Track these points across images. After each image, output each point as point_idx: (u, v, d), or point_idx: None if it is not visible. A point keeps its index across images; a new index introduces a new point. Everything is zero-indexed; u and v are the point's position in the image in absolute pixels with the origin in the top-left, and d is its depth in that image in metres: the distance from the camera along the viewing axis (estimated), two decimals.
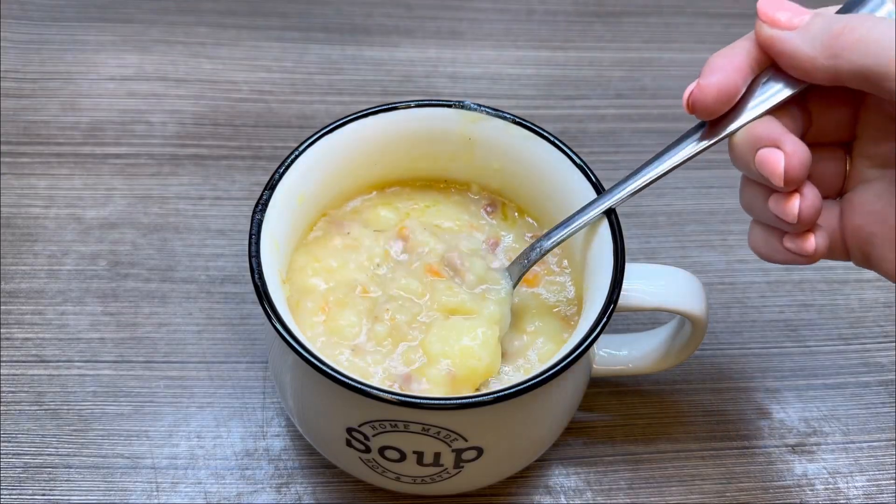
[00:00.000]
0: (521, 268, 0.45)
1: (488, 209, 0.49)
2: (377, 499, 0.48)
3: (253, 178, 0.61)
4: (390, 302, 0.44)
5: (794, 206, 0.37)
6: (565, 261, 0.48)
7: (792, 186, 0.37)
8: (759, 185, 0.39)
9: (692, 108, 0.39)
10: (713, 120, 0.39)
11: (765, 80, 0.39)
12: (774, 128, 0.37)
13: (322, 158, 0.46)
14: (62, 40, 0.67)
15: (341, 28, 0.70)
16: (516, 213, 0.49)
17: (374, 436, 0.40)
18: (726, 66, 0.38)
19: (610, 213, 0.43)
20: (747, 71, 0.38)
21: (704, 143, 0.40)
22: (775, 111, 0.38)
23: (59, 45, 0.67)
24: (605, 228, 0.43)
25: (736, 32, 0.73)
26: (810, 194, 0.37)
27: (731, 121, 0.39)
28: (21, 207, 0.58)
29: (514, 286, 0.45)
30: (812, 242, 0.39)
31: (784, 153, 0.36)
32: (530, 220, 0.49)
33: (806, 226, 0.38)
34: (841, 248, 0.41)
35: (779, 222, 0.39)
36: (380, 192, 0.50)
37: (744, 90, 0.39)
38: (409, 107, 0.47)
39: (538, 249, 0.44)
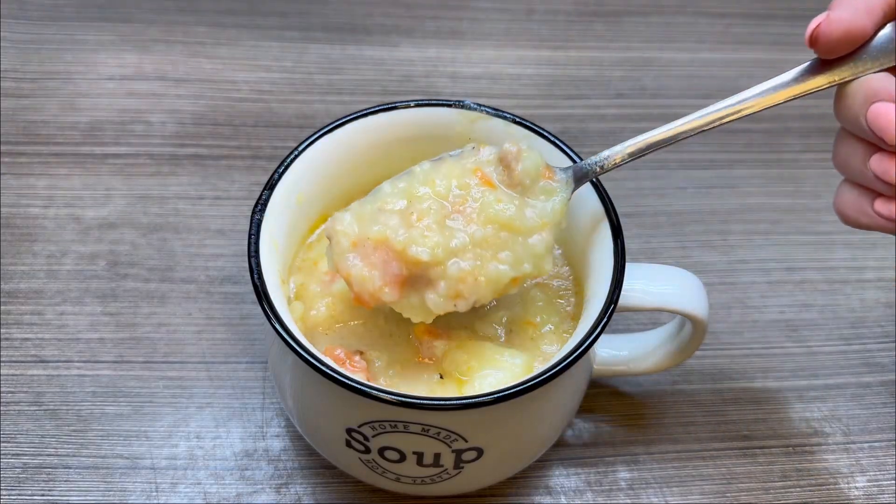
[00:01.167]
0: (583, 173, 0.42)
1: None
2: (377, 499, 0.48)
3: (252, 178, 0.61)
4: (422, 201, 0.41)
5: None
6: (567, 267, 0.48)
7: None
8: (860, 142, 0.37)
9: (815, 40, 0.36)
10: (826, 62, 0.37)
11: (890, 33, 0.36)
12: (893, 83, 0.35)
13: (322, 158, 0.45)
14: (61, 40, 0.67)
15: (341, 27, 0.70)
16: None
17: (373, 436, 0.40)
18: (859, 5, 0.35)
19: (610, 214, 0.43)
20: (879, 17, 0.36)
21: (812, 85, 0.37)
22: (894, 70, 0.36)
23: (58, 45, 0.67)
24: (605, 228, 0.43)
25: (737, 32, 0.73)
26: None
27: (847, 66, 0.36)
28: (20, 207, 0.58)
29: (573, 191, 0.42)
30: None
31: None
32: None
33: None
34: None
35: (876, 183, 0.36)
36: None
37: (870, 36, 0.36)
38: (409, 107, 0.47)
39: (611, 155, 0.41)
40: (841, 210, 0.39)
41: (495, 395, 0.38)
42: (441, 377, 0.43)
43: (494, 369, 0.42)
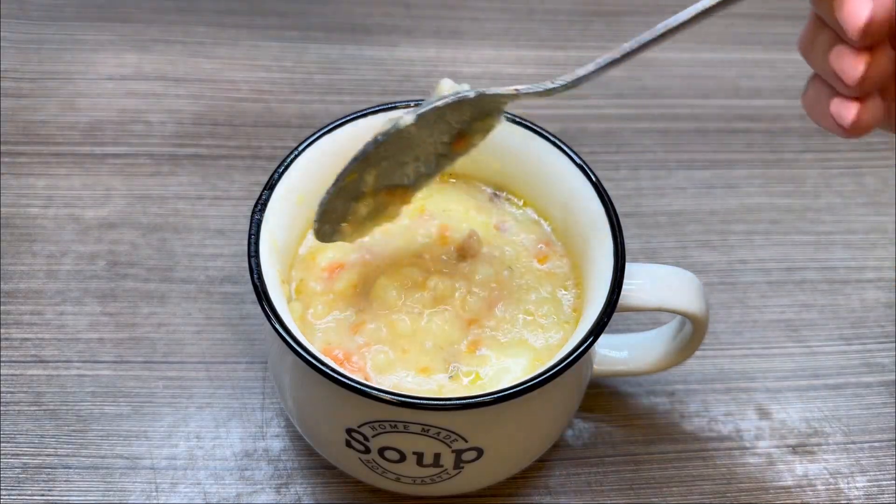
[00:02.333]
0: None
1: (495, 195, 0.49)
2: (377, 499, 0.48)
3: (252, 178, 0.61)
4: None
5: (859, 67, 0.32)
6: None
7: (867, 42, 0.31)
8: (828, 31, 0.33)
9: None
10: None
11: None
12: None
13: (322, 158, 0.45)
14: (61, 39, 0.67)
15: (341, 27, 0.70)
16: (521, 201, 0.49)
17: (373, 436, 0.40)
18: None
19: (610, 213, 0.43)
20: None
21: None
22: None
23: (58, 45, 0.67)
24: (605, 228, 0.43)
25: (737, 32, 0.73)
26: (883, 59, 0.32)
27: None
28: (20, 207, 0.58)
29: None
30: (852, 113, 0.33)
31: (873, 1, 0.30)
32: (534, 216, 0.49)
33: (864, 92, 0.33)
34: None
35: (835, 80, 0.33)
36: None
37: None
38: (409, 107, 0.47)
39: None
40: (806, 105, 0.36)
41: (495, 395, 0.37)
42: (450, 377, 0.43)
43: (499, 366, 0.42)
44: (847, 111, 0.33)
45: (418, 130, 0.40)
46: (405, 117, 0.39)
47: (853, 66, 0.32)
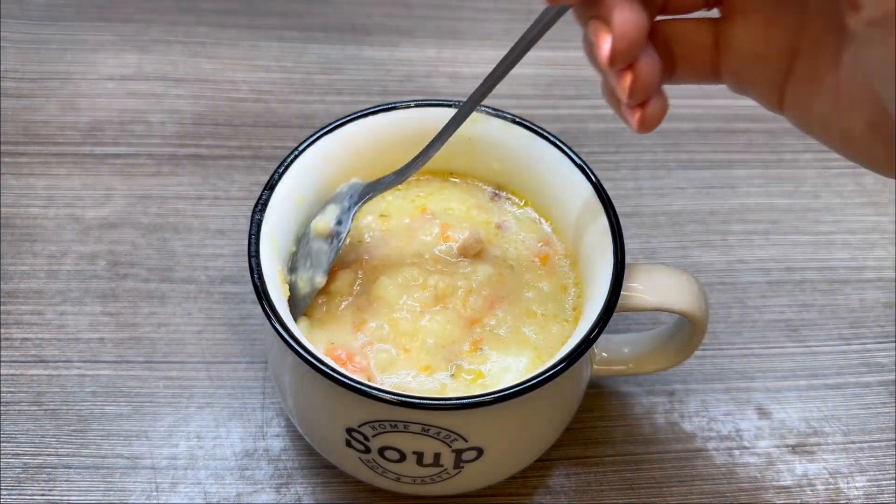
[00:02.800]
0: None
1: (496, 195, 0.49)
2: (377, 499, 0.48)
3: (252, 178, 0.61)
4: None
5: (626, 86, 0.33)
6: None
7: (619, 67, 0.32)
8: None
9: None
10: None
11: None
12: None
13: (322, 158, 0.46)
14: (61, 40, 0.67)
15: (341, 27, 0.70)
16: (522, 201, 0.50)
17: (373, 436, 0.40)
18: None
19: (610, 213, 0.43)
20: None
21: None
22: None
23: (59, 45, 0.67)
24: (604, 229, 0.43)
25: None
26: (644, 69, 0.33)
27: None
28: (20, 207, 0.58)
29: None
30: (637, 119, 0.34)
31: (611, 33, 0.31)
32: (534, 216, 0.49)
33: (637, 102, 0.34)
34: (708, 70, 0.36)
35: (614, 89, 0.34)
36: None
37: None
38: (409, 107, 0.47)
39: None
40: (605, 97, 0.37)
41: (495, 395, 0.38)
42: (451, 375, 0.43)
43: (501, 364, 0.42)
44: (631, 116, 0.35)
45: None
46: (318, 279, 0.44)
47: (620, 85, 0.33)
